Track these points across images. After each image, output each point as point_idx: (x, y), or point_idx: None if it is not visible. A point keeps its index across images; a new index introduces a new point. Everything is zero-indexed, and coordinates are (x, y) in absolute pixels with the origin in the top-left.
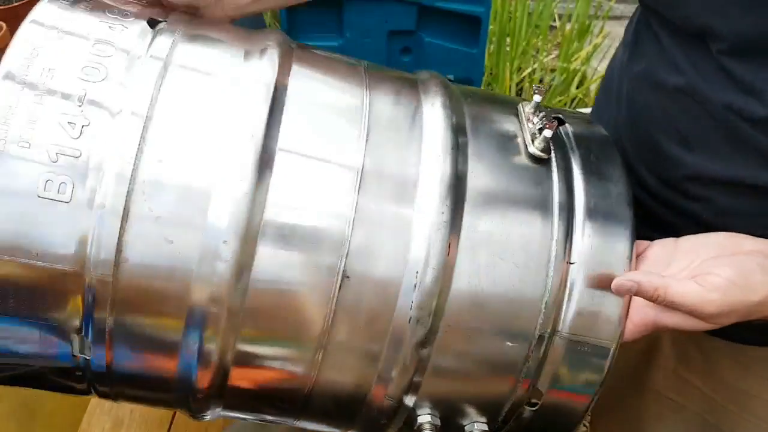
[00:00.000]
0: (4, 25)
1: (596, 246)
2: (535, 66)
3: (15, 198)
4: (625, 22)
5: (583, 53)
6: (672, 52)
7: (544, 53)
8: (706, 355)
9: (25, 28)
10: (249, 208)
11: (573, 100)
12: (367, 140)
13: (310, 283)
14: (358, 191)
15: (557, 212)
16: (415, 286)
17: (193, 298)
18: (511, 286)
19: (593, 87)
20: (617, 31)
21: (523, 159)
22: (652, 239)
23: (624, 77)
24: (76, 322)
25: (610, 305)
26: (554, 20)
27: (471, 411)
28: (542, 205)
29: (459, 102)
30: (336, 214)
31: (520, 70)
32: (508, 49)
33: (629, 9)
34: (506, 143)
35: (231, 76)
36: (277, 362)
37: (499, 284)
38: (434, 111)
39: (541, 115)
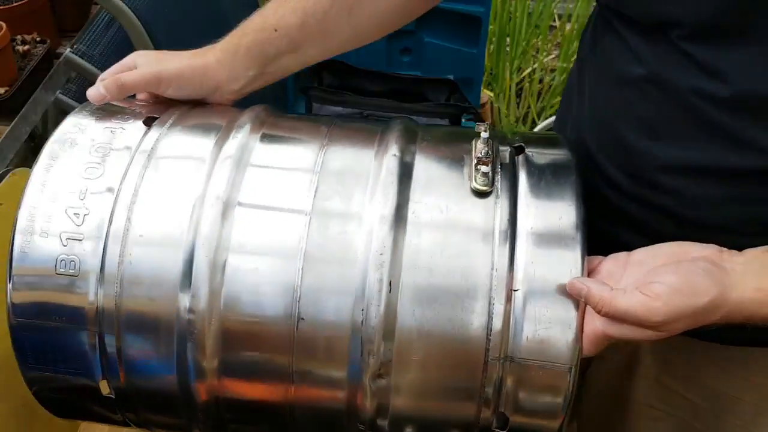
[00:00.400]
0: (4, 25)
1: (542, 271)
2: (535, 66)
3: (40, 277)
4: None
5: None
6: (633, 44)
7: (544, 53)
8: (687, 361)
9: (48, 146)
10: (212, 260)
11: None
12: (316, 192)
13: (270, 322)
14: (306, 238)
15: (498, 242)
16: (362, 322)
17: (175, 338)
18: (454, 315)
19: None
20: None
21: (466, 194)
22: (625, 239)
23: (585, 77)
24: (98, 366)
25: (561, 328)
26: (554, 20)
27: None
28: (483, 236)
29: (413, 145)
30: (286, 258)
31: (520, 70)
32: (508, 49)
33: None
34: (451, 181)
35: (203, 156)
36: (257, 383)
37: (441, 315)
38: (383, 159)
39: (484, 151)
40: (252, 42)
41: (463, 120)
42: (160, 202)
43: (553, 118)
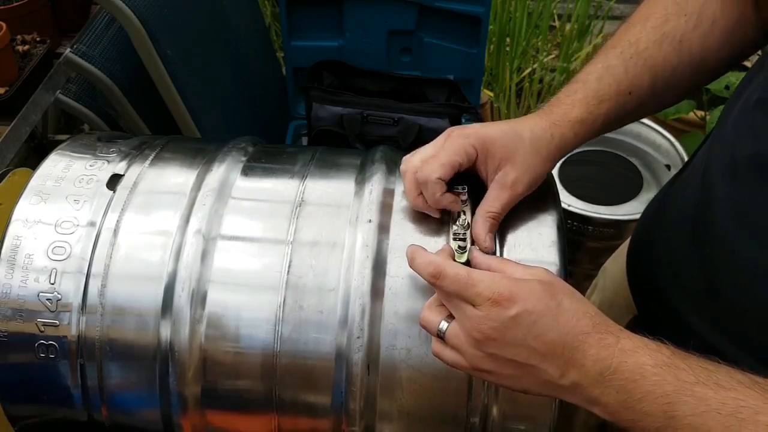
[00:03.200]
0: (4, 25)
1: None
2: (535, 66)
3: (21, 311)
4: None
5: (583, 53)
6: None
7: (544, 53)
8: None
9: (32, 181)
10: (193, 292)
11: None
12: (296, 226)
13: (251, 352)
14: (289, 268)
15: None
16: (345, 351)
17: (157, 369)
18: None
19: None
20: None
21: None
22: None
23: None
24: (80, 400)
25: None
26: (554, 20)
27: None
28: None
29: (393, 176)
30: (267, 287)
31: (520, 70)
32: (508, 49)
33: (629, 9)
34: (427, 237)
35: (184, 189)
36: (240, 413)
37: (423, 344)
38: (361, 198)
39: (462, 221)
40: (610, 109)
41: (462, 120)
42: (141, 235)
43: None
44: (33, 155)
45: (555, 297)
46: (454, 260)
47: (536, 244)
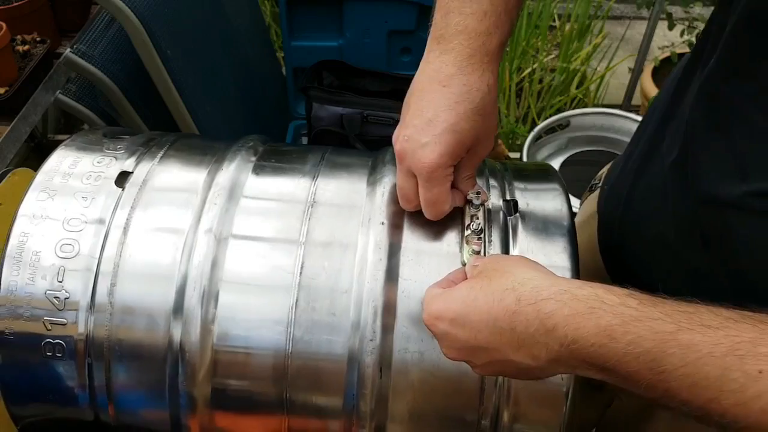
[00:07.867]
0: (4, 25)
1: None
2: (535, 66)
3: (28, 309)
4: (625, 22)
5: (583, 53)
6: None
7: (544, 53)
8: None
9: (38, 177)
10: (205, 291)
11: (573, 99)
12: (308, 226)
13: (263, 353)
14: (301, 269)
15: None
16: (358, 353)
17: (167, 369)
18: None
19: (593, 87)
20: (617, 31)
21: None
22: None
23: None
24: (87, 399)
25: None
26: (554, 20)
27: None
28: None
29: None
30: (279, 290)
31: (520, 70)
32: (508, 49)
33: (629, 9)
34: (440, 241)
35: (195, 188)
36: (250, 415)
37: (436, 347)
38: (373, 199)
39: (476, 226)
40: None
41: None
42: (152, 234)
43: (552, 118)
44: (33, 155)
45: (473, 289)
46: (463, 258)
47: (549, 249)
